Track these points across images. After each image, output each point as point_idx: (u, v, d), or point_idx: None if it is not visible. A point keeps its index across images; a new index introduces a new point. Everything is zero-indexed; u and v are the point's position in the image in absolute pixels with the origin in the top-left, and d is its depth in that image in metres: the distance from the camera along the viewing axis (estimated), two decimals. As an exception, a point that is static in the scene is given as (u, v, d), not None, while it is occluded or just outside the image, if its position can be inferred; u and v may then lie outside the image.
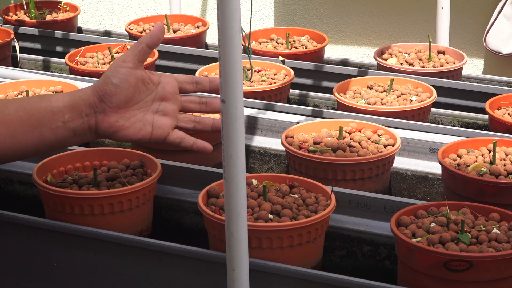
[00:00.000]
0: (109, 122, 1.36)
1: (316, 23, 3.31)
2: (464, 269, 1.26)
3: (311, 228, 1.36)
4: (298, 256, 1.36)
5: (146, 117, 1.38)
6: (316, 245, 1.39)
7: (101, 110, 1.35)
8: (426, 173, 1.77)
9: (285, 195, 1.44)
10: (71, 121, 1.35)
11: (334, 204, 1.40)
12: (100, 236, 1.41)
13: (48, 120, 1.35)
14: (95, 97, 1.35)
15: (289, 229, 1.34)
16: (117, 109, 1.36)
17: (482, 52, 3.13)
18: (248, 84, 2.12)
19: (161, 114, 1.39)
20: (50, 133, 1.35)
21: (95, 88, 1.36)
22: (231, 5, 1.11)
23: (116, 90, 1.35)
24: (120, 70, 1.35)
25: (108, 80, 1.35)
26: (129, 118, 1.37)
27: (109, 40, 2.56)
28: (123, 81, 1.35)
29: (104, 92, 1.35)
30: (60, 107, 1.35)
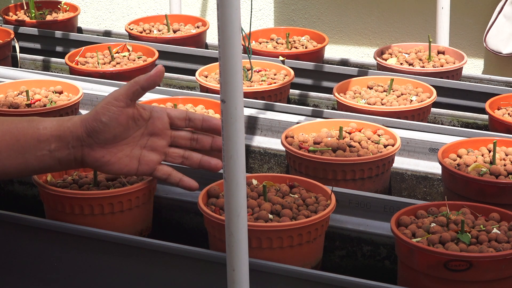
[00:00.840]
0: (95, 157, 1.36)
1: (316, 23, 3.31)
2: (464, 269, 1.26)
3: (311, 228, 1.36)
4: (298, 256, 1.36)
5: (133, 152, 1.38)
6: (316, 245, 1.39)
7: (88, 144, 1.35)
8: (426, 173, 1.77)
9: (285, 195, 1.44)
10: (57, 150, 1.35)
11: (334, 204, 1.40)
12: (100, 236, 1.41)
13: (34, 148, 1.34)
14: (83, 131, 1.35)
15: (289, 229, 1.34)
16: (104, 144, 1.35)
17: (482, 52, 3.13)
18: (248, 84, 2.12)
19: (148, 149, 1.39)
20: (35, 160, 1.35)
21: (84, 121, 1.35)
22: (231, 5, 1.11)
23: (105, 128, 1.34)
24: (110, 108, 1.34)
25: (98, 117, 1.34)
26: (115, 153, 1.36)
27: (109, 40, 2.56)
28: (112, 120, 1.34)
29: (92, 129, 1.34)
30: (47, 136, 1.35)
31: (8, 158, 1.34)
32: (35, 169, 1.36)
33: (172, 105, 1.86)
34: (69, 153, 1.36)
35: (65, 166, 1.37)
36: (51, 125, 1.36)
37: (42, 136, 1.35)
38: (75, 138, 1.35)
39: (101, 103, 1.35)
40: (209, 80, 2.12)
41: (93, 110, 1.35)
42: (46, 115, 1.86)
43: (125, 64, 2.28)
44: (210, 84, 2.08)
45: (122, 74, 2.22)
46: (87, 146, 1.35)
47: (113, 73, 2.22)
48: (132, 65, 2.27)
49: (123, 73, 2.23)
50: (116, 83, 2.13)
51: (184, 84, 2.34)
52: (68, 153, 1.36)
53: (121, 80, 2.19)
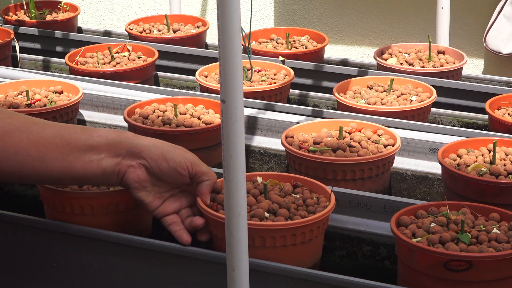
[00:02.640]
0: (139, 178, 1.36)
1: (316, 23, 3.31)
2: (464, 269, 1.26)
3: (306, 229, 1.35)
4: (292, 256, 1.35)
5: (163, 194, 1.40)
6: (312, 246, 1.38)
7: (139, 164, 1.36)
8: (426, 173, 1.77)
9: (287, 194, 1.44)
10: (105, 158, 1.35)
11: (333, 206, 1.39)
12: (100, 236, 1.41)
13: (83, 153, 1.34)
14: (145, 152, 1.35)
15: (282, 229, 1.33)
16: (151, 173, 1.37)
17: (482, 52, 3.13)
18: (248, 84, 2.12)
19: (174, 198, 1.41)
20: (81, 165, 1.35)
21: (152, 146, 1.36)
22: (231, 5, 1.11)
23: (164, 168, 1.36)
24: (178, 169, 1.36)
25: (165, 156, 1.36)
26: (154, 185, 1.38)
27: (109, 40, 2.56)
28: (172, 171, 1.36)
29: (154, 157, 1.35)
30: (101, 144, 1.35)
31: (55, 160, 1.34)
32: (78, 176, 1.35)
33: (172, 105, 1.86)
34: (116, 163, 1.36)
35: (106, 178, 1.37)
36: (108, 133, 1.36)
37: (95, 143, 1.35)
38: (133, 151, 1.36)
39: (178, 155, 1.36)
40: (209, 80, 2.12)
41: (166, 147, 1.37)
42: (46, 115, 1.86)
43: (125, 64, 2.28)
44: (210, 84, 2.08)
45: (122, 74, 2.22)
46: (137, 165, 1.36)
47: (113, 73, 2.22)
48: (132, 65, 2.27)
49: (123, 73, 2.23)
50: (116, 83, 2.13)
51: (184, 84, 2.34)
52: (116, 163, 1.36)
53: (121, 80, 2.19)
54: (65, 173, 1.35)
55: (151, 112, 1.83)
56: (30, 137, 1.33)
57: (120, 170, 1.36)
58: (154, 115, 1.82)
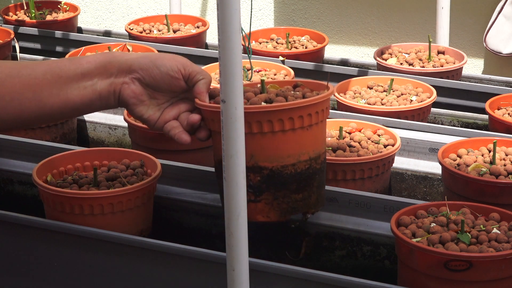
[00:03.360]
0: (134, 93, 1.36)
1: (316, 23, 3.31)
2: (464, 269, 1.26)
3: (303, 112, 1.31)
4: (292, 143, 1.33)
5: (162, 105, 1.38)
6: (312, 133, 1.34)
7: (133, 77, 1.36)
8: (426, 173, 1.77)
9: (288, 91, 1.41)
10: (99, 81, 1.35)
11: (331, 92, 1.36)
12: (100, 236, 1.41)
13: (77, 82, 1.34)
14: (136, 63, 1.35)
15: (278, 110, 1.30)
16: (146, 85, 1.36)
17: (482, 52, 3.13)
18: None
19: (172, 106, 1.40)
20: (77, 95, 1.35)
21: (140, 58, 1.35)
22: (231, 5, 1.11)
23: (157, 75, 1.35)
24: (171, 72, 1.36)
25: (157, 63, 1.35)
26: (150, 97, 1.37)
27: (109, 40, 2.56)
28: (165, 76, 1.36)
29: (146, 66, 1.35)
30: (91, 68, 1.35)
31: (51, 96, 1.34)
32: (76, 105, 1.35)
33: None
34: (110, 84, 1.35)
35: (103, 101, 1.37)
36: (95, 57, 1.36)
37: (85, 70, 1.35)
38: (123, 68, 1.35)
39: (168, 60, 1.36)
40: (209, 80, 2.12)
41: (154, 55, 1.36)
42: (46, 115, 1.86)
43: (125, 64, 2.27)
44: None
45: (122, 74, 2.22)
46: (130, 80, 1.36)
47: (113, 73, 2.22)
48: (132, 65, 2.27)
49: (123, 73, 2.22)
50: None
51: (184, 84, 2.33)
52: (109, 84, 1.35)
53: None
54: (63, 107, 1.35)
55: (151, 112, 1.83)
56: (22, 81, 1.33)
57: (115, 89, 1.36)
58: (154, 115, 1.82)
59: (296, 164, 1.35)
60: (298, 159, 1.35)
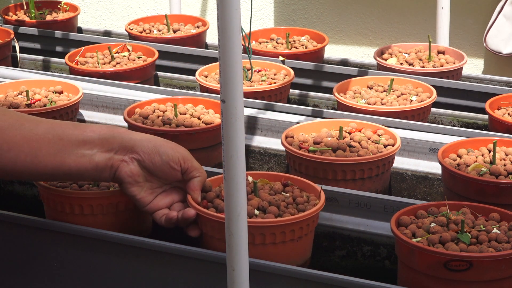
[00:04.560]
0: (132, 172, 1.37)
1: (316, 23, 3.31)
2: (464, 269, 1.26)
3: (295, 227, 1.35)
4: (282, 254, 1.35)
5: (156, 190, 1.40)
6: (301, 243, 1.38)
7: (132, 158, 1.36)
8: (426, 173, 1.77)
9: (277, 193, 1.44)
10: (98, 153, 1.36)
11: (322, 203, 1.39)
12: (100, 236, 1.41)
13: (76, 148, 1.35)
14: (137, 146, 1.36)
15: (272, 226, 1.33)
16: (143, 167, 1.37)
17: (482, 52, 3.13)
18: (248, 84, 2.12)
19: (165, 194, 1.41)
20: (73, 161, 1.35)
21: (144, 141, 1.36)
22: (231, 5, 1.11)
23: (157, 163, 1.37)
24: (170, 163, 1.37)
25: (158, 150, 1.36)
26: (146, 180, 1.38)
27: (109, 40, 2.56)
28: (164, 165, 1.37)
29: (147, 150, 1.36)
30: (94, 138, 1.35)
31: (47, 155, 1.34)
32: (70, 171, 1.35)
33: (172, 105, 1.86)
34: (109, 158, 1.36)
35: (98, 173, 1.37)
36: (100, 128, 1.37)
37: (88, 138, 1.35)
38: (125, 146, 1.36)
39: (171, 149, 1.37)
40: (209, 80, 2.12)
41: (158, 141, 1.37)
42: (46, 115, 1.86)
43: (125, 64, 2.28)
44: (210, 84, 2.08)
45: (122, 74, 2.22)
46: (129, 159, 1.36)
47: (113, 73, 2.22)
48: (132, 65, 2.27)
49: (123, 73, 2.23)
50: (116, 83, 2.13)
51: (184, 84, 2.34)
52: (109, 158, 1.36)
53: (121, 80, 2.19)
54: (57, 168, 1.35)
55: (151, 112, 1.83)
56: (23, 134, 1.33)
57: (113, 164, 1.36)
58: (154, 115, 1.82)
59: None
60: None
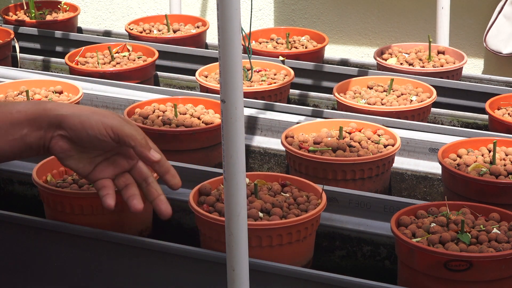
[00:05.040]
0: (63, 148, 1.32)
1: (316, 23, 3.31)
2: (464, 269, 1.26)
3: (301, 227, 1.36)
4: (288, 255, 1.36)
5: (95, 159, 1.35)
6: (306, 244, 1.39)
7: (62, 135, 1.32)
8: (426, 173, 1.77)
9: (277, 193, 1.44)
10: (29, 135, 1.32)
11: (325, 203, 1.40)
12: (100, 236, 1.41)
13: (6, 132, 1.31)
14: (65, 123, 1.31)
15: (279, 227, 1.34)
16: (75, 142, 1.33)
17: (482, 52, 3.13)
18: (248, 84, 2.12)
19: (108, 162, 1.36)
20: (6, 145, 1.32)
21: (70, 117, 1.31)
22: (231, 5, 1.11)
23: (85, 138, 1.31)
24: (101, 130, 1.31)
25: (85, 125, 1.31)
26: (80, 151, 1.34)
27: (109, 40, 2.56)
28: (94, 138, 1.31)
29: (74, 127, 1.31)
30: (21, 119, 1.31)
31: None
32: (5, 154, 1.32)
33: (172, 105, 1.86)
34: (40, 137, 1.32)
35: (33, 152, 1.33)
36: (26, 108, 1.32)
37: (15, 119, 1.31)
38: (53, 122, 1.32)
39: (96, 122, 1.31)
40: (209, 80, 2.12)
41: (84, 114, 1.32)
42: (46, 115, 1.86)
43: (125, 64, 2.28)
44: (210, 84, 2.08)
45: (122, 74, 2.22)
46: (58, 136, 1.32)
47: (113, 73, 2.22)
48: (132, 65, 2.27)
49: (123, 73, 2.23)
50: (116, 83, 2.13)
51: (184, 84, 2.34)
52: (40, 137, 1.32)
53: (121, 80, 2.19)
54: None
55: (151, 112, 1.83)
56: None
57: (44, 143, 1.33)
58: (154, 115, 1.82)
59: None
60: None
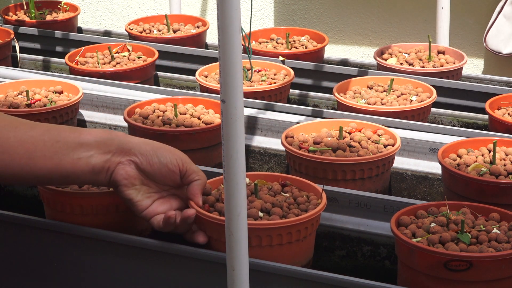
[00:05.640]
0: (128, 174, 1.34)
1: (316, 23, 3.31)
2: (464, 269, 1.26)
3: (301, 227, 1.35)
4: (288, 254, 1.36)
5: (152, 195, 1.37)
6: (306, 244, 1.39)
7: (130, 161, 1.34)
8: (426, 173, 1.77)
9: (277, 193, 1.44)
10: (95, 156, 1.34)
11: (325, 203, 1.40)
12: (100, 236, 1.41)
13: (72, 151, 1.33)
14: (135, 147, 1.34)
15: (279, 227, 1.33)
16: (141, 171, 1.35)
17: (482, 52, 3.13)
18: (248, 84, 2.12)
19: (163, 200, 1.39)
20: (69, 163, 1.33)
21: (141, 143, 1.35)
22: (231, 5, 1.11)
23: (155, 165, 1.35)
24: (169, 165, 1.35)
25: (156, 152, 1.35)
26: (143, 184, 1.36)
27: (109, 40, 2.56)
28: (163, 167, 1.35)
29: (146, 152, 1.34)
30: (90, 141, 1.33)
31: (43, 158, 1.32)
32: (67, 174, 1.33)
33: (172, 105, 1.86)
34: (106, 160, 1.34)
35: (94, 176, 1.34)
36: (97, 131, 1.35)
37: (84, 141, 1.33)
38: (123, 148, 1.34)
39: (169, 152, 1.35)
40: (209, 80, 2.12)
41: (156, 143, 1.36)
42: (46, 115, 1.86)
43: (125, 64, 2.28)
44: (210, 84, 2.08)
45: (122, 74, 2.22)
46: (126, 162, 1.34)
47: (113, 73, 2.22)
48: (132, 65, 2.27)
49: (123, 73, 2.23)
50: (116, 83, 2.13)
51: (184, 84, 2.34)
52: (105, 160, 1.34)
53: (121, 80, 2.19)
54: (53, 171, 1.33)
55: (151, 112, 1.83)
56: (17, 135, 1.32)
57: (109, 167, 1.34)
58: (154, 115, 1.82)
59: None
60: None
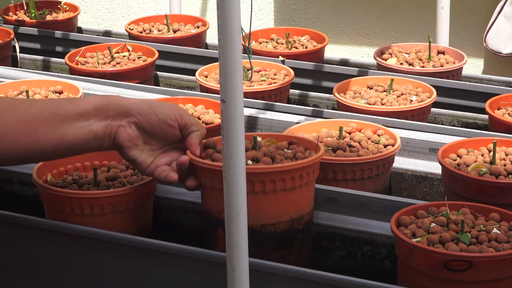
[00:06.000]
0: (130, 136, 1.37)
1: (316, 23, 3.31)
2: (464, 269, 1.26)
3: (295, 174, 1.34)
4: (283, 202, 1.35)
5: (155, 151, 1.40)
6: (302, 193, 1.37)
7: (130, 121, 1.37)
8: (426, 173, 1.77)
9: (280, 149, 1.44)
10: (95, 122, 1.36)
11: (322, 152, 1.38)
12: (100, 236, 1.41)
13: (73, 121, 1.35)
14: (134, 108, 1.36)
15: (271, 172, 1.32)
16: (142, 130, 1.38)
17: (482, 52, 3.13)
18: (248, 84, 2.12)
19: (164, 153, 1.41)
20: (72, 134, 1.35)
21: (138, 103, 1.37)
22: (231, 5, 1.11)
23: (154, 122, 1.37)
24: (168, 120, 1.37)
25: (154, 109, 1.37)
26: (145, 142, 1.39)
27: (109, 40, 2.56)
28: (162, 123, 1.37)
29: (144, 111, 1.36)
30: (89, 109, 1.36)
31: (46, 133, 1.34)
32: (70, 144, 1.36)
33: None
34: (106, 125, 1.36)
35: (98, 142, 1.37)
36: (94, 99, 1.37)
37: (83, 110, 1.36)
38: (121, 111, 1.36)
39: (166, 108, 1.37)
40: (209, 80, 2.12)
41: (152, 101, 1.38)
42: (46, 115, 1.86)
43: (125, 64, 2.28)
44: (210, 84, 2.08)
45: (122, 74, 2.22)
46: (127, 123, 1.37)
47: (113, 73, 2.22)
48: (132, 65, 2.27)
49: (123, 73, 2.23)
50: (116, 83, 2.13)
51: (184, 84, 2.34)
52: (106, 125, 1.36)
53: (121, 80, 2.19)
54: (57, 145, 1.35)
55: (151, 112, 1.83)
56: (18, 115, 1.33)
57: (111, 131, 1.37)
58: (154, 115, 1.82)
59: (276, 224, 1.38)
60: (278, 219, 1.38)
